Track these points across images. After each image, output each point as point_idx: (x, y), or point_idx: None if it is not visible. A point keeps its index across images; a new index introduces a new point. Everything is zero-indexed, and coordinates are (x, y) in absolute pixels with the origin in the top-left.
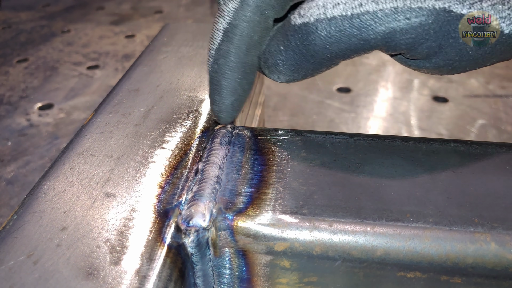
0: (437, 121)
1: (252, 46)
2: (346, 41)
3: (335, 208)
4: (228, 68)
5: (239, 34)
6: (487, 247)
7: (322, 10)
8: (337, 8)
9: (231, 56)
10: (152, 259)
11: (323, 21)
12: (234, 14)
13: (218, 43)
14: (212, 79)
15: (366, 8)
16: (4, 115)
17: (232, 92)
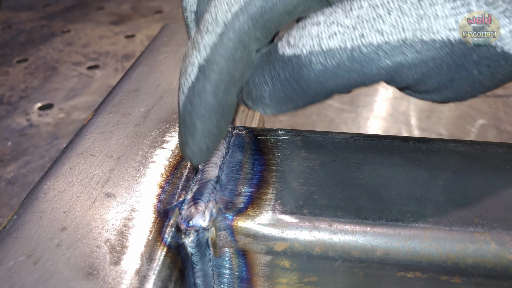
0: (437, 121)
1: (232, 84)
2: (344, 75)
3: (335, 208)
4: (204, 109)
5: (217, 72)
6: (487, 247)
7: (316, 41)
8: (334, 39)
9: (208, 96)
10: (152, 259)
11: (317, 54)
12: (212, 49)
13: (192, 81)
14: (184, 119)
15: (369, 40)
16: (4, 115)
17: (207, 135)
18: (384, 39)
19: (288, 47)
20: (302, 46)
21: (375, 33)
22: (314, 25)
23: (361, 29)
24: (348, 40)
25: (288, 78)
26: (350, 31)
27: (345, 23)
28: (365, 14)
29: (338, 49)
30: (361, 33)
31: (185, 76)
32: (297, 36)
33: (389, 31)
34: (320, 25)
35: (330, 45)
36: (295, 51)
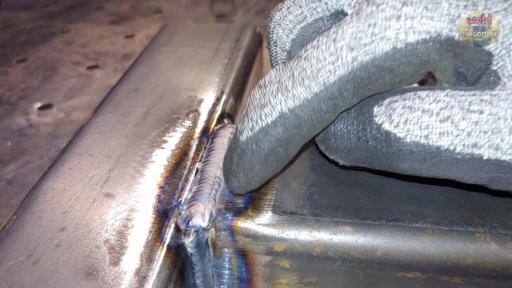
0: None
1: (304, 141)
2: (439, 173)
3: (335, 208)
4: (269, 156)
5: (299, 127)
6: (487, 247)
7: (424, 133)
8: (444, 139)
9: (279, 146)
10: (152, 260)
11: (420, 146)
12: (301, 104)
13: (268, 124)
14: (244, 155)
15: (481, 153)
16: (4, 115)
17: (261, 177)
18: (497, 157)
19: (390, 123)
20: (407, 131)
21: (490, 149)
22: (425, 112)
23: (476, 138)
24: (459, 145)
25: (378, 151)
26: (464, 137)
27: (461, 126)
28: (485, 123)
29: (445, 150)
30: (475, 142)
31: (260, 113)
32: (403, 117)
33: (505, 151)
34: (433, 116)
35: (438, 144)
36: (396, 131)
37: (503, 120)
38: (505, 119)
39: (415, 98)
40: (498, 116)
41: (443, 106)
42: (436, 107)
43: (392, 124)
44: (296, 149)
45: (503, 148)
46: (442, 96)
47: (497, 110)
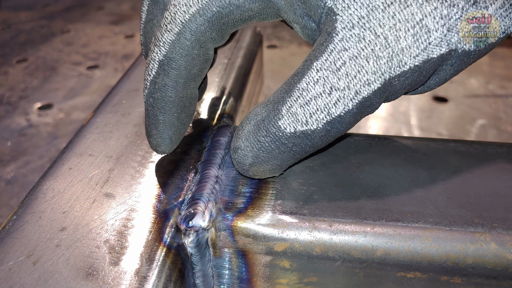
0: (437, 121)
1: (191, 79)
2: (347, 128)
3: (335, 208)
4: (164, 103)
5: (176, 68)
6: (487, 247)
7: (325, 113)
8: (339, 106)
9: (168, 90)
10: (152, 260)
11: (329, 123)
12: (170, 46)
13: (154, 75)
14: (148, 112)
15: (363, 95)
16: (4, 115)
17: (170, 127)
18: (372, 89)
19: (299, 124)
20: (315, 120)
21: (364, 85)
22: (316, 97)
23: (354, 86)
24: (349, 102)
25: (294, 150)
26: (347, 93)
27: (340, 85)
28: (351, 69)
29: (344, 113)
30: (356, 90)
31: (147, 71)
32: (306, 113)
33: (372, 79)
34: (323, 96)
35: (337, 112)
36: (308, 127)
37: (358, 56)
38: (359, 53)
39: (301, 90)
40: (354, 54)
41: (322, 81)
42: (320, 88)
43: (303, 124)
44: (188, 90)
45: (371, 79)
46: (315, 72)
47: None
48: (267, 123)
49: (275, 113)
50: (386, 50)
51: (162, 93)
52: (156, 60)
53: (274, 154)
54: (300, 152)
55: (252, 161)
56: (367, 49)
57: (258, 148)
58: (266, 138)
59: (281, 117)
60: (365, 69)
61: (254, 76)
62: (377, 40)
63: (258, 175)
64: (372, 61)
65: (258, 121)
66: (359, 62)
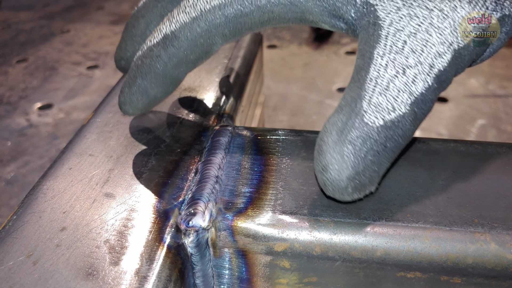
0: (437, 121)
1: (183, 63)
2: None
3: (335, 208)
4: (149, 70)
5: (176, 46)
6: (487, 247)
7: (407, 92)
8: (417, 82)
9: (158, 62)
10: (152, 260)
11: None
12: (181, 26)
13: (153, 44)
14: (131, 71)
15: (438, 68)
16: (4, 115)
17: (142, 94)
18: (445, 60)
19: (386, 112)
20: (401, 103)
21: (436, 57)
22: (393, 79)
23: (425, 60)
24: (427, 76)
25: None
26: (421, 68)
27: (411, 62)
28: (415, 44)
29: (425, 90)
30: (430, 63)
31: (150, 38)
32: (389, 98)
33: (442, 50)
34: (398, 77)
35: (418, 90)
36: (396, 113)
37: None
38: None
39: (376, 85)
40: (389, 76)
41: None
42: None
43: (389, 112)
44: (176, 71)
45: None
46: (379, 61)
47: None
48: (351, 125)
49: (357, 112)
50: (446, 21)
51: (152, 61)
52: (162, 32)
53: (370, 157)
54: (394, 148)
55: (349, 173)
56: (425, 23)
57: (352, 156)
58: (357, 141)
59: (365, 112)
60: (430, 42)
61: (254, 76)
62: (432, 14)
63: (357, 191)
64: (435, 33)
65: (340, 128)
66: (421, 37)
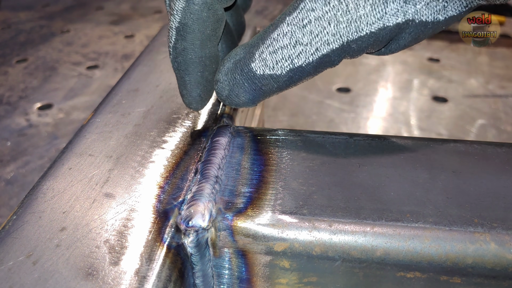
0: (437, 121)
1: (206, 40)
2: (305, 78)
3: (335, 208)
4: (187, 65)
5: (190, 32)
6: (486, 247)
7: (289, 62)
8: (301, 58)
9: (187, 53)
10: (152, 260)
11: (292, 71)
12: (182, 13)
13: (174, 42)
14: (176, 75)
15: (322, 52)
16: (4, 115)
17: (197, 85)
18: (330, 48)
19: (267, 68)
20: (280, 67)
21: (324, 44)
22: (283, 48)
23: (315, 44)
24: (310, 56)
25: (264, 89)
26: (308, 48)
27: (304, 41)
28: (314, 28)
29: (305, 65)
30: (316, 47)
31: (169, 39)
32: (273, 59)
33: (331, 40)
34: (288, 47)
35: (299, 63)
36: (274, 72)
37: (322, 17)
38: (323, 15)
39: (271, 39)
40: (319, 15)
41: (289, 35)
42: (287, 40)
43: (269, 68)
44: (206, 50)
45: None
46: (285, 27)
47: (317, 11)
48: (242, 63)
49: (249, 56)
50: (346, 16)
51: (183, 56)
52: (173, 28)
53: (246, 89)
54: (269, 92)
55: (228, 93)
56: (330, 13)
57: (233, 84)
58: (240, 76)
59: (254, 60)
60: (326, 30)
61: None
62: (340, 6)
63: (234, 104)
64: (333, 24)
65: (236, 61)
66: (321, 24)
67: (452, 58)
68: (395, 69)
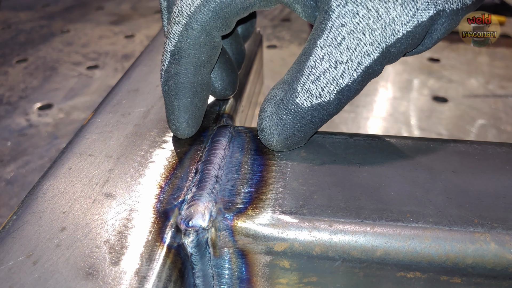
0: (437, 121)
1: (201, 66)
2: (355, 94)
3: (335, 208)
4: (178, 89)
5: (185, 56)
6: (487, 247)
7: (334, 85)
8: (345, 77)
9: (180, 78)
10: (152, 260)
11: (339, 93)
12: (179, 37)
13: (167, 65)
14: (165, 99)
15: (365, 65)
16: (4, 115)
17: (185, 111)
18: (372, 58)
19: (314, 98)
20: (327, 93)
21: (364, 56)
22: (325, 72)
23: (355, 58)
24: (354, 72)
25: (314, 121)
26: (350, 64)
27: (344, 58)
28: (350, 43)
29: (351, 82)
30: (358, 61)
31: (162, 61)
32: (318, 87)
33: (371, 50)
34: (330, 70)
35: (345, 83)
36: (322, 99)
37: (355, 29)
38: (355, 27)
39: (310, 67)
40: (351, 29)
41: (327, 56)
42: (326, 64)
43: (316, 98)
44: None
45: (369, 50)
46: (320, 50)
47: (349, 26)
48: (286, 102)
49: (291, 92)
50: (379, 22)
51: (175, 80)
52: (168, 51)
53: (297, 128)
54: (319, 122)
55: (278, 137)
56: (362, 23)
57: (281, 126)
58: (288, 116)
59: (297, 95)
60: (363, 41)
61: (254, 76)
62: (370, 14)
63: (286, 148)
64: (368, 34)
65: (278, 102)
66: (356, 36)
67: (452, 58)
68: (395, 69)
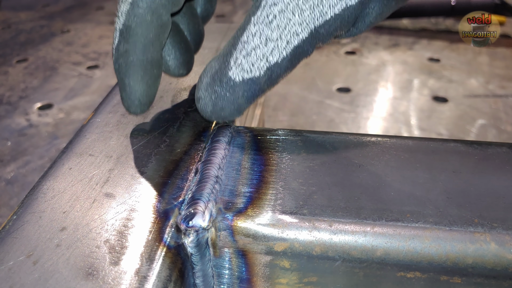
0: (437, 121)
1: (149, 44)
2: (286, 72)
3: (335, 208)
4: (127, 67)
5: (133, 35)
6: (487, 247)
7: (264, 61)
8: (275, 54)
9: (129, 56)
10: (152, 259)
11: (269, 69)
12: (127, 15)
13: (117, 43)
14: (117, 77)
15: (293, 44)
16: (4, 115)
17: (136, 89)
18: (301, 38)
19: (245, 73)
20: (257, 68)
21: (293, 35)
22: (256, 48)
23: (285, 37)
24: (283, 50)
25: (246, 95)
26: (280, 43)
27: (274, 37)
28: (281, 22)
29: (281, 60)
30: (287, 40)
31: (113, 40)
32: (249, 62)
33: (299, 30)
34: (260, 47)
35: (274, 60)
36: (252, 74)
37: (286, 9)
38: (286, 8)
39: (242, 42)
40: (282, 8)
41: (259, 34)
42: (257, 40)
43: (247, 72)
44: (148, 54)
45: (298, 30)
46: (253, 27)
47: (280, 5)
48: (219, 74)
49: (225, 65)
50: (308, 3)
51: (124, 58)
52: (117, 30)
53: (230, 100)
54: (252, 96)
55: (212, 108)
56: (292, 3)
57: (215, 97)
58: (221, 88)
59: (230, 68)
60: (292, 21)
61: None
62: None
63: (220, 119)
64: (297, 14)
65: (213, 74)
66: (286, 15)
67: (452, 58)
68: (395, 69)
